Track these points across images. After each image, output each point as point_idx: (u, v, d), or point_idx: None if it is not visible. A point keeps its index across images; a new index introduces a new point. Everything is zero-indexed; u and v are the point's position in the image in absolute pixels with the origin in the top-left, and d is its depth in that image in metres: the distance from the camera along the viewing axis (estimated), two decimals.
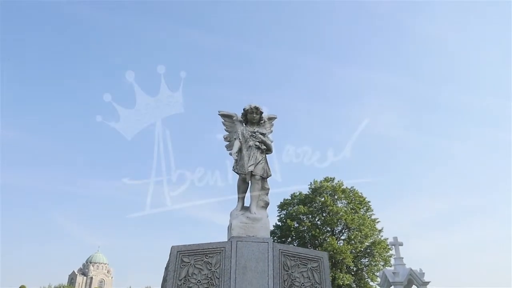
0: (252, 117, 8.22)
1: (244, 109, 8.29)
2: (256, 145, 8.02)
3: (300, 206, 34.67)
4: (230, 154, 7.89)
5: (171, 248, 7.08)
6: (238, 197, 8.13)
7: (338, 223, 33.87)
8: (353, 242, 33.49)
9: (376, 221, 35.33)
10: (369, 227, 34.19)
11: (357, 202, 35.27)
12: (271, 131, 8.78)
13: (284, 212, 35.99)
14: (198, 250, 7.06)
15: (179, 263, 6.93)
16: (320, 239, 33.17)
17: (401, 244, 20.61)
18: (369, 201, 35.71)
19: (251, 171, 7.86)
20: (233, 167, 8.16)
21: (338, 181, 35.74)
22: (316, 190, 35.35)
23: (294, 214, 34.56)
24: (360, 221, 34.03)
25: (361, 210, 35.37)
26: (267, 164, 8.24)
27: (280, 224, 34.94)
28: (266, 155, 8.33)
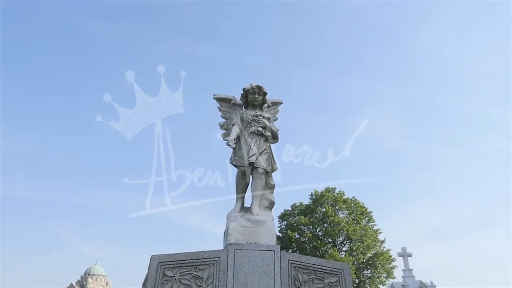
0: (253, 98, 6.53)
1: (244, 89, 6.61)
2: (258, 131, 6.32)
3: (301, 216, 32.96)
4: (227, 143, 6.16)
5: (151, 258, 5.32)
6: (237, 196, 6.41)
7: (340, 234, 32.07)
8: (355, 253, 31.65)
9: (378, 231, 33.53)
10: (371, 238, 32.41)
11: (359, 213, 33.54)
12: (276, 118, 7.09)
13: (285, 223, 34.19)
14: (186, 261, 5.30)
15: (160, 277, 5.18)
16: (322, 250, 31.30)
17: (410, 255, 18.77)
18: (370, 212, 33.94)
19: (253, 163, 6.13)
20: (231, 158, 6.45)
21: (339, 191, 34.05)
22: (317, 201, 33.65)
23: (295, 224, 32.82)
24: (362, 231, 32.26)
25: (363, 220, 33.61)
26: (272, 155, 6.52)
27: (281, 235, 33.07)
28: (271, 144, 6.61)
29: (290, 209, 34.82)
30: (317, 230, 32.97)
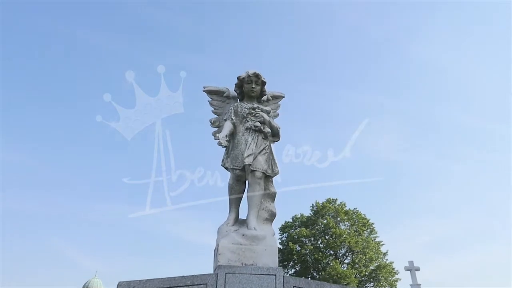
0: (250, 88, 5.31)
1: (238, 78, 5.39)
2: (256, 127, 5.07)
3: (302, 228, 31.54)
4: (218, 142, 4.89)
5: (118, 286, 4.00)
6: (230, 206, 5.14)
7: (342, 246, 30.61)
8: (357, 266, 30.15)
9: (381, 243, 32.05)
10: (374, 250, 30.94)
11: (361, 224, 32.12)
12: (277, 114, 5.83)
13: (286, 235, 32.67)
14: None
15: None
16: (323, 263, 29.82)
17: (417, 269, 17.33)
18: (372, 223, 32.50)
19: (249, 165, 4.87)
20: (222, 160, 5.18)
21: (341, 203, 32.66)
22: (318, 212, 32.24)
23: (296, 237, 31.36)
24: (364, 243, 30.80)
25: (365, 232, 32.17)
26: (273, 155, 5.25)
27: (282, 248, 31.59)
28: (272, 143, 5.36)
29: (291, 220, 33.41)
30: (319, 242, 31.54)
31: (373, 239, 32.18)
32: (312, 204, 32.94)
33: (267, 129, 5.22)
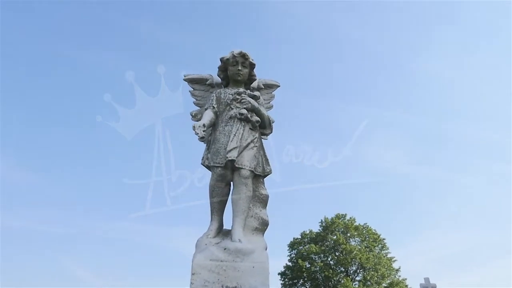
0: (235, 71, 4.31)
1: (221, 60, 4.39)
2: (241, 115, 4.04)
3: (311, 245, 30.08)
4: (196, 133, 3.86)
5: None
6: (212, 213, 4.06)
7: (352, 262, 29.07)
8: (369, 283, 28.52)
9: (393, 259, 30.41)
10: (386, 267, 29.34)
11: (371, 240, 30.58)
12: (271, 106, 4.80)
13: (295, 252, 31.20)
14: None
15: None
16: (334, 280, 28.28)
17: (434, 287, 15.89)
18: (384, 239, 30.92)
19: (233, 161, 3.83)
20: (202, 158, 4.14)
21: (350, 218, 31.22)
22: (328, 228, 30.79)
23: (305, 253, 29.91)
24: (376, 260, 29.22)
25: (376, 248, 30.59)
26: (264, 151, 4.21)
27: (291, 265, 30.14)
28: (263, 136, 4.34)
29: (300, 237, 31.97)
30: (329, 259, 30.03)
31: (384, 255, 30.59)
32: (321, 220, 31.56)
33: (256, 118, 4.19)
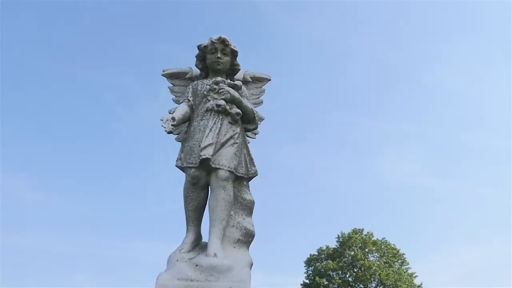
0: (214, 60, 3.71)
1: (199, 48, 3.78)
2: (218, 107, 3.40)
3: (329, 261, 28.90)
4: (163, 127, 3.24)
5: None
6: (187, 223, 3.40)
7: (372, 279, 27.76)
8: None
9: (414, 275, 28.93)
10: (407, 283, 27.93)
11: (391, 255, 29.22)
12: (261, 102, 4.15)
13: (312, 269, 30.02)
14: None
15: None
16: None
17: None
18: (403, 254, 29.50)
19: (208, 160, 3.18)
20: (177, 159, 3.49)
21: (368, 233, 29.97)
22: (345, 243, 29.58)
23: (322, 270, 28.73)
24: (396, 276, 27.85)
25: (396, 263, 29.18)
26: (248, 149, 3.55)
27: (308, 282, 28.97)
28: (247, 133, 3.69)
29: (316, 253, 30.80)
30: (347, 276, 28.76)
31: (405, 270, 29.16)
32: (338, 235, 30.37)
33: (236, 110, 3.54)
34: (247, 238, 3.41)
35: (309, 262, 30.74)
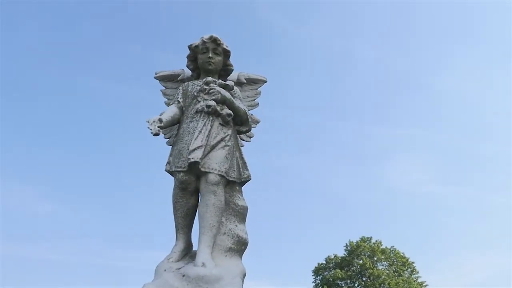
0: (205, 59, 3.56)
1: (190, 48, 3.63)
2: (208, 107, 3.23)
3: (337, 270, 28.50)
4: (149, 128, 3.07)
5: None
6: (177, 230, 3.21)
7: None
8: None
9: (424, 284, 28.37)
10: None
11: (400, 264, 28.74)
12: (257, 104, 3.98)
13: (320, 278, 29.58)
14: None
15: None
16: None
17: None
18: (413, 262, 28.97)
19: (197, 163, 3.00)
20: (166, 163, 3.33)
21: (376, 241, 29.48)
22: (353, 252, 29.15)
23: (331, 279, 28.33)
24: (406, 285, 27.39)
25: (405, 272, 28.66)
26: (241, 152, 3.37)
27: None
28: (241, 135, 3.53)
29: (324, 262, 30.38)
30: (356, 285, 28.35)
31: (415, 279, 28.63)
32: (346, 244, 29.93)
33: (227, 111, 3.36)
34: (240, 246, 3.20)
35: (317, 271, 30.32)
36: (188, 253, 3.21)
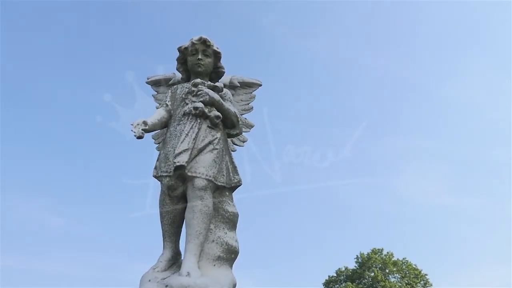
0: (194, 61, 3.45)
1: (179, 50, 3.53)
2: (196, 109, 3.09)
3: (348, 283, 27.89)
4: (132, 131, 2.95)
5: None
6: (164, 238, 3.04)
7: None
8: None
9: None
10: None
11: (412, 276, 28.02)
12: (250, 108, 3.84)
13: None
14: None
15: None
16: None
17: None
18: (425, 274, 28.24)
19: (183, 166, 2.85)
20: (154, 167, 3.20)
21: (388, 253, 28.87)
22: (364, 264, 28.56)
23: None
24: None
25: (418, 285, 27.90)
26: (231, 156, 3.22)
27: None
28: (234, 140, 3.39)
29: (335, 275, 29.80)
30: None
31: None
32: (357, 256, 29.36)
33: (215, 113, 3.22)
34: (229, 255, 3.02)
35: (328, 284, 29.74)
36: (175, 263, 3.04)
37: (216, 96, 3.30)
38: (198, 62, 3.48)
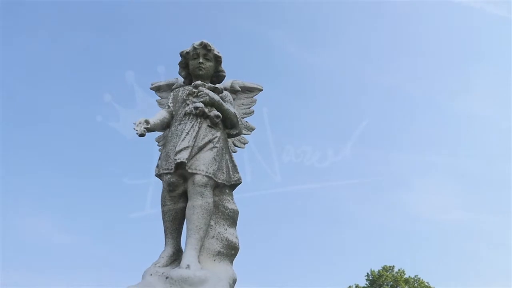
0: (196, 65, 3.57)
1: (181, 54, 3.67)
2: (196, 109, 3.19)
3: None
4: (135, 130, 3.05)
5: None
6: (165, 234, 3.10)
7: None
8: None
9: None
10: None
11: None
12: (252, 112, 3.93)
13: None
14: None
15: None
16: None
17: None
18: None
19: (184, 164, 2.92)
20: (155, 166, 3.29)
21: (399, 270, 28.31)
22: (375, 282, 28.02)
23: None
24: None
25: None
26: (231, 154, 3.30)
27: None
28: (235, 141, 3.48)
29: None
30: None
31: None
32: (367, 273, 28.84)
33: (215, 112, 3.31)
34: (229, 250, 3.06)
35: None
36: (177, 259, 3.08)
37: (216, 96, 3.40)
38: (199, 65, 3.60)
